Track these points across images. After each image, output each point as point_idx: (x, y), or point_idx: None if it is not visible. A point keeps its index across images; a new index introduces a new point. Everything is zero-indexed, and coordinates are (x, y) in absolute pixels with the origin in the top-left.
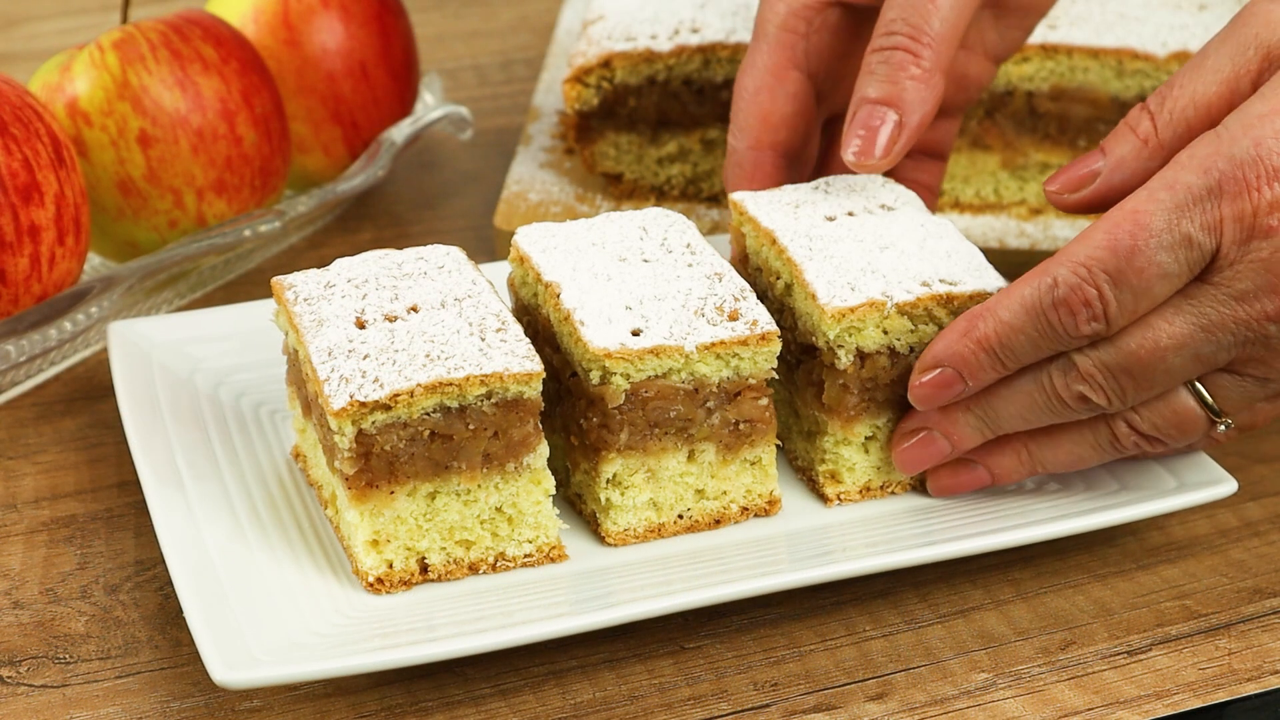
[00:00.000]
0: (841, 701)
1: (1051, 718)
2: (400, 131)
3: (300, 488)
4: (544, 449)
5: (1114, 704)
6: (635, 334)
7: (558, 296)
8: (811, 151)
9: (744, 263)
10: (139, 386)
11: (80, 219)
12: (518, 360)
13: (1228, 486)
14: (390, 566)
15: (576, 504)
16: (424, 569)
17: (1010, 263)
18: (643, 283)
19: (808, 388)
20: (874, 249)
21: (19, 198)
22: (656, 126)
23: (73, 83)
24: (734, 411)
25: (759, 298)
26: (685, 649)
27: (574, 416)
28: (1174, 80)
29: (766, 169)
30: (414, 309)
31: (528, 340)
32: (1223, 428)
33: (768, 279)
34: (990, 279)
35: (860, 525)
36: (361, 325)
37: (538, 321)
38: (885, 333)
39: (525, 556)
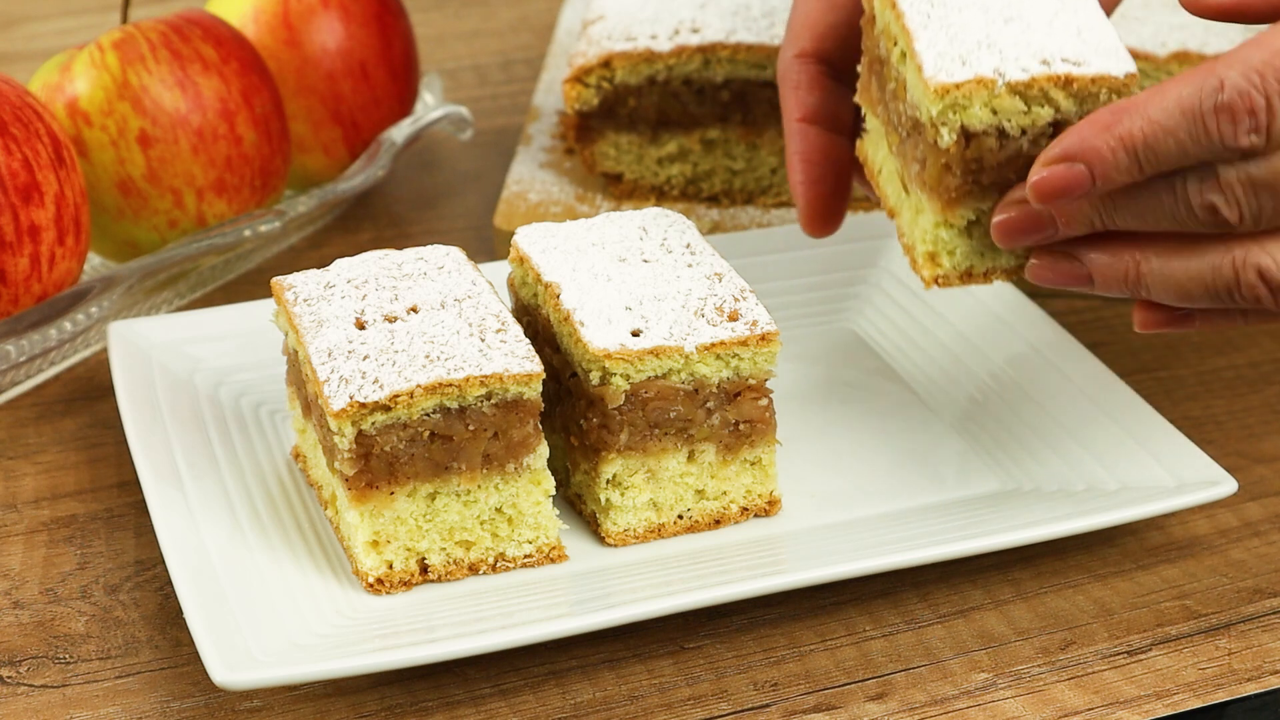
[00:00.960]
0: (841, 701)
1: (1051, 718)
2: (400, 131)
3: (300, 488)
4: (544, 449)
5: (1114, 704)
6: (635, 334)
7: (558, 297)
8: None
9: (869, 22)
10: (139, 386)
11: (80, 219)
12: (518, 361)
13: (1228, 486)
14: (390, 567)
15: (576, 504)
16: (424, 570)
17: None
18: (643, 283)
19: (913, 164)
20: (998, 20)
21: (19, 198)
22: (656, 126)
23: (73, 83)
24: (734, 412)
25: (882, 63)
26: (685, 649)
27: (574, 417)
28: None
29: (818, 79)
30: (414, 309)
31: (528, 341)
32: None
33: (887, 45)
34: (1120, 62)
35: (860, 526)
36: (361, 326)
37: (538, 322)
38: (994, 113)
39: (525, 557)
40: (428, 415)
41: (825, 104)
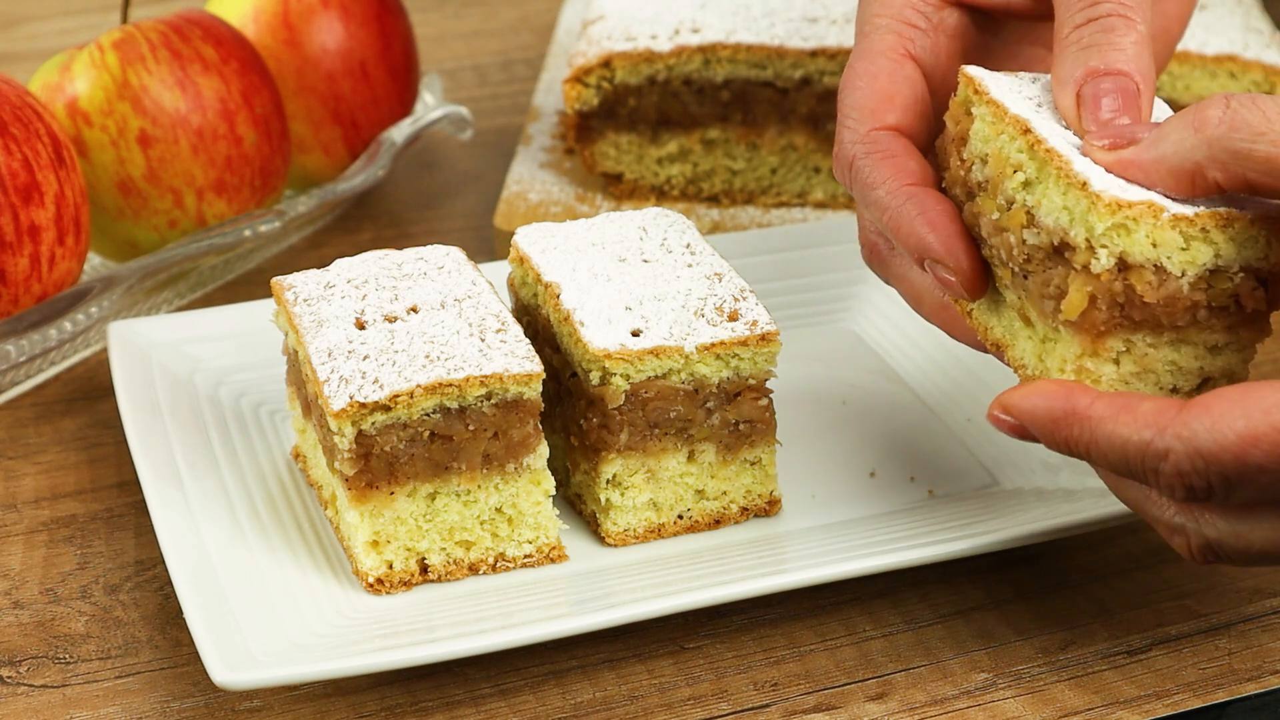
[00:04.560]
0: (841, 701)
1: (1051, 718)
2: (400, 131)
3: (300, 488)
4: (544, 449)
5: (1114, 704)
6: (635, 334)
7: (557, 297)
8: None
9: (957, 144)
10: (139, 386)
11: (80, 219)
12: (517, 361)
13: None
14: (390, 567)
15: (576, 504)
16: (424, 569)
17: None
18: (642, 283)
19: (1044, 300)
20: None
21: (19, 198)
22: (656, 126)
23: (73, 83)
24: (734, 412)
25: (968, 190)
26: (685, 649)
27: (574, 417)
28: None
29: (912, 150)
30: (414, 309)
31: (528, 341)
32: None
33: (998, 171)
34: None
35: (860, 525)
36: (361, 326)
37: (538, 322)
38: (1154, 245)
39: (525, 557)
40: (428, 415)
41: (926, 172)
